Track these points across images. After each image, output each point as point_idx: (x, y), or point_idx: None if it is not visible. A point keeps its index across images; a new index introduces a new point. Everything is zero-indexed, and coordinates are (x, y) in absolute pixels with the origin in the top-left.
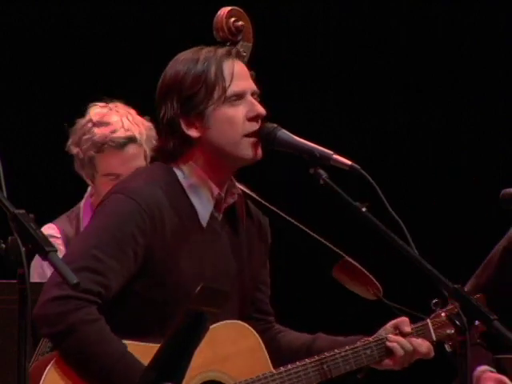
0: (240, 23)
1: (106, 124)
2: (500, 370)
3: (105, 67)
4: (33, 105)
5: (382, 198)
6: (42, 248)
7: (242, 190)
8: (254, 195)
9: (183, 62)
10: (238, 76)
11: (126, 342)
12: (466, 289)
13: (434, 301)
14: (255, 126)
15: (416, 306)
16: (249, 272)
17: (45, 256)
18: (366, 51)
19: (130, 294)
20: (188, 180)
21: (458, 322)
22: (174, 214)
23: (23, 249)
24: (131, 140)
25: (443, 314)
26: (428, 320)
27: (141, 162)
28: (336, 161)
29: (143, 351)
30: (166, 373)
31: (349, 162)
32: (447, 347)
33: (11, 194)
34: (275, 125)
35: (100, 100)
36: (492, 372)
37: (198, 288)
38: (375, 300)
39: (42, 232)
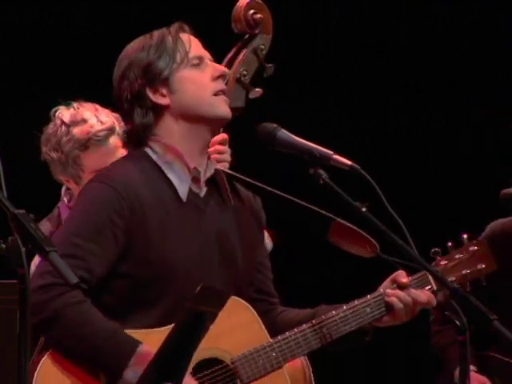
0: (258, 16)
1: (83, 122)
2: (482, 368)
3: (105, 67)
4: (33, 105)
5: (382, 197)
6: (42, 248)
7: (225, 172)
8: (239, 175)
9: (135, 45)
10: (195, 43)
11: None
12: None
13: (432, 250)
14: (221, 85)
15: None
16: (241, 249)
17: (45, 256)
18: (366, 51)
19: (118, 277)
20: (162, 158)
21: (457, 322)
22: (153, 194)
23: (23, 249)
24: (112, 131)
25: (442, 263)
26: None
27: (122, 152)
28: (336, 161)
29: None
30: (166, 373)
31: (349, 162)
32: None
33: (11, 194)
34: (275, 125)
35: (60, 103)
36: (475, 372)
37: (198, 288)
38: (373, 257)
39: (42, 232)
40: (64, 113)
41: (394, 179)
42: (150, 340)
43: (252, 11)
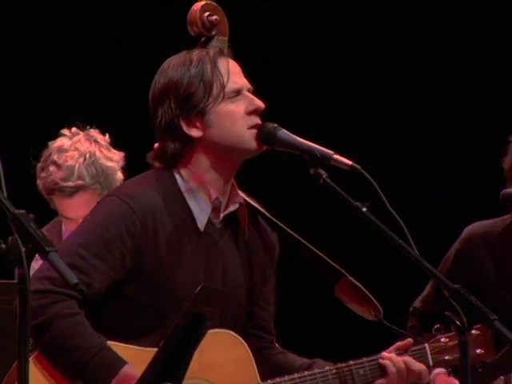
0: (214, 17)
1: (59, 167)
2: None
3: (105, 68)
4: (33, 105)
5: (383, 197)
6: (42, 248)
7: (250, 204)
8: (261, 209)
9: (175, 66)
10: (234, 73)
11: (110, 342)
12: (427, 290)
13: (435, 326)
14: (256, 120)
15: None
16: (247, 284)
17: (45, 256)
18: (367, 51)
19: (123, 298)
20: (186, 184)
21: (458, 322)
22: (170, 220)
23: (23, 249)
24: (81, 189)
25: (443, 340)
26: (426, 344)
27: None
28: (336, 161)
29: (127, 353)
30: (166, 373)
31: (349, 162)
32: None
33: (11, 194)
34: (275, 124)
35: (73, 125)
36: (445, 374)
37: (198, 288)
38: (375, 321)
39: (42, 232)
40: (60, 143)
41: (395, 179)
42: (139, 357)
43: (207, 13)
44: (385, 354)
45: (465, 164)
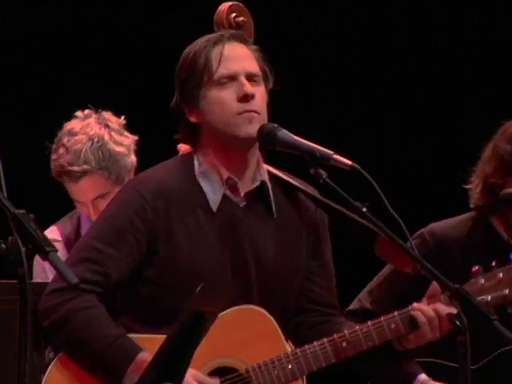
0: (241, 19)
1: (67, 151)
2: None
3: (106, 65)
4: (33, 105)
5: (383, 197)
6: (42, 248)
7: (282, 179)
8: (299, 185)
9: (185, 53)
10: (228, 59)
11: (133, 335)
12: (377, 291)
13: (473, 268)
14: (246, 106)
15: None
16: (287, 260)
17: (45, 256)
18: (366, 51)
19: (143, 282)
20: (200, 167)
21: (458, 322)
22: (185, 202)
23: (23, 249)
24: (87, 173)
25: (481, 282)
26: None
27: (103, 189)
28: (336, 160)
29: (151, 343)
30: (166, 373)
31: (349, 162)
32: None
33: (11, 194)
34: (275, 125)
35: (86, 107)
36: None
37: (198, 288)
38: (415, 273)
39: (41, 232)
40: (71, 126)
41: (395, 179)
42: (156, 345)
43: (234, 14)
44: (415, 304)
45: (465, 164)
